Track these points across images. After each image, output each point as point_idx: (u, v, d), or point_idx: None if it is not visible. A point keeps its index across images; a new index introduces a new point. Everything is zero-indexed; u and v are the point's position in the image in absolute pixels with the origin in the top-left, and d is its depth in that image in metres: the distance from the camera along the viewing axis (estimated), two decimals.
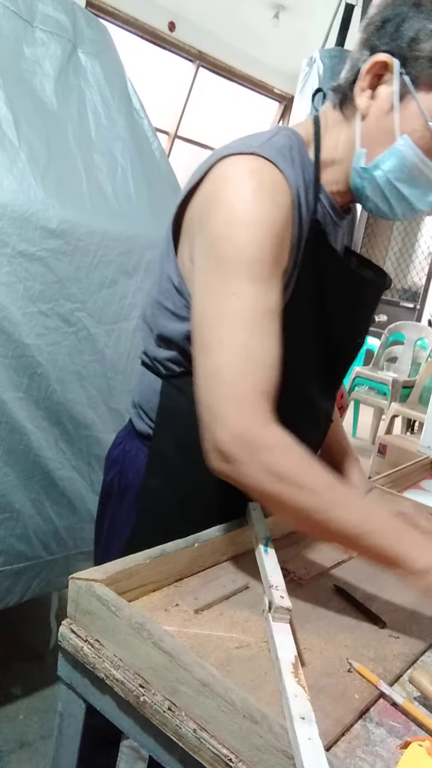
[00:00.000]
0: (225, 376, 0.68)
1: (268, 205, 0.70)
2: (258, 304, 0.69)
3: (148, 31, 4.75)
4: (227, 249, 0.70)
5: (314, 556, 0.90)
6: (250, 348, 0.68)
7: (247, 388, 0.67)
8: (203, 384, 0.70)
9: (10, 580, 1.48)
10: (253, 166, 0.71)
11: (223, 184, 0.72)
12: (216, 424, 0.67)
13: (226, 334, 0.69)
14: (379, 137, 0.75)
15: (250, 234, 0.69)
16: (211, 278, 0.71)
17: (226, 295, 0.69)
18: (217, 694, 0.53)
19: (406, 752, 0.54)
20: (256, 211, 0.70)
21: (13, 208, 1.33)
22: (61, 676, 0.69)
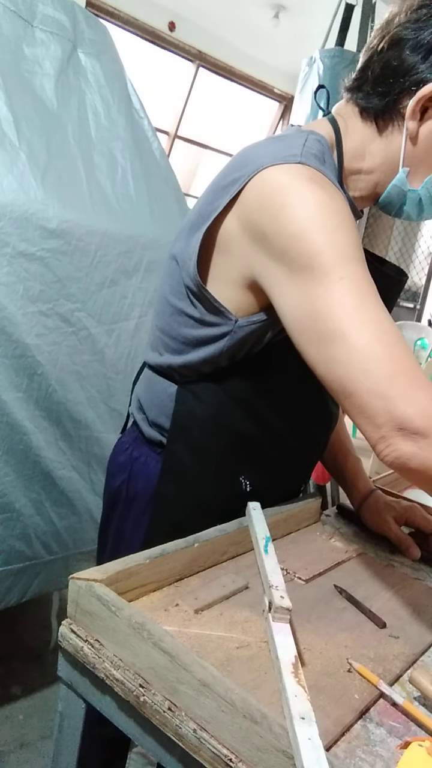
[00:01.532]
0: (379, 353, 0.64)
1: (339, 199, 0.71)
2: (368, 280, 0.68)
3: (148, 31, 4.75)
4: (316, 242, 0.68)
5: (314, 556, 0.90)
6: (383, 321, 0.66)
7: (407, 358, 0.64)
8: (354, 371, 0.64)
9: (10, 580, 1.48)
10: (307, 174, 0.71)
11: (282, 191, 0.70)
12: (395, 402, 0.62)
13: (356, 315, 0.65)
14: (425, 158, 0.77)
15: (335, 221, 0.68)
16: (306, 276, 0.68)
17: (335, 282, 0.67)
18: (217, 694, 0.53)
19: (406, 752, 0.54)
20: (331, 204, 0.69)
21: (13, 208, 1.33)
22: (61, 676, 0.70)
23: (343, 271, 0.67)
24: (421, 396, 0.62)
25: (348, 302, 0.66)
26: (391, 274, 0.90)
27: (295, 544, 0.93)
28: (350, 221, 0.70)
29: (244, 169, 0.74)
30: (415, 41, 0.72)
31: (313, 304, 0.68)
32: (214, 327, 0.79)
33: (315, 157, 0.74)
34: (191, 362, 0.83)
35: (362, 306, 0.66)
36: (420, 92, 0.73)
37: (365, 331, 0.64)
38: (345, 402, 0.66)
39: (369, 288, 0.67)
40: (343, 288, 0.66)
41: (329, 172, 0.74)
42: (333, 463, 1.08)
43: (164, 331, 0.87)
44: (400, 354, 0.64)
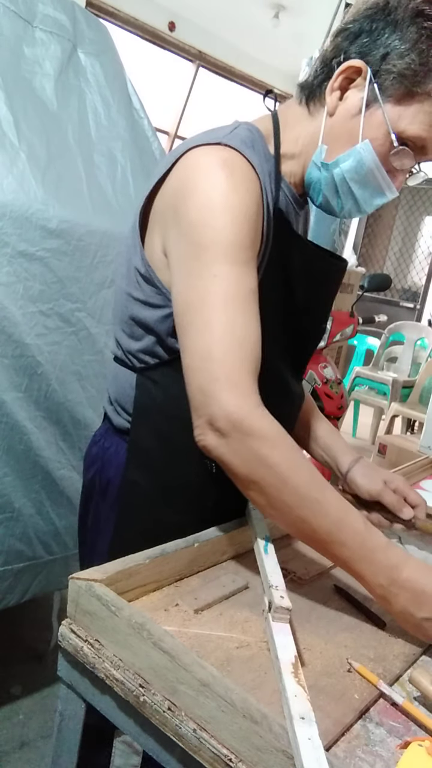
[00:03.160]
0: (215, 354, 0.70)
1: (242, 191, 0.74)
2: (239, 284, 0.72)
3: (148, 31, 4.75)
4: (206, 234, 0.72)
5: (314, 556, 0.90)
6: (236, 327, 0.71)
7: (237, 366, 0.69)
8: (193, 364, 0.72)
9: (10, 580, 1.48)
10: (224, 156, 0.74)
11: (195, 174, 0.75)
12: (210, 401, 0.69)
13: (212, 315, 0.71)
14: (342, 137, 0.79)
15: (227, 219, 0.72)
16: (192, 264, 0.73)
17: (209, 278, 0.71)
18: (217, 694, 0.53)
19: (406, 752, 0.54)
20: (232, 197, 0.73)
21: (13, 208, 1.33)
22: (61, 676, 0.70)
23: (219, 269, 0.71)
24: (233, 401, 0.68)
25: (212, 301, 0.71)
26: (332, 260, 0.93)
27: (295, 544, 0.93)
28: (246, 216, 0.73)
29: (176, 153, 0.79)
30: (348, 31, 0.78)
31: (188, 293, 0.73)
32: (159, 309, 0.82)
33: (241, 141, 0.77)
34: (147, 347, 0.85)
35: (223, 308, 0.71)
36: (340, 67, 0.76)
37: (215, 332, 0.70)
38: (186, 388, 0.73)
39: (237, 291, 0.72)
40: (213, 286, 0.71)
41: (256, 157, 0.77)
42: (308, 438, 1.06)
43: (119, 317, 0.89)
44: (233, 360, 0.69)
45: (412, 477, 1.35)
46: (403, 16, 0.73)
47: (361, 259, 6.40)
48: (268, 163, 0.81)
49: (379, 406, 4.29)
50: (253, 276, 0.75)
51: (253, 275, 0.75)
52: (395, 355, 4.52)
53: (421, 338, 4.45)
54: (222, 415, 0.68)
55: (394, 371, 4.35)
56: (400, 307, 6.16)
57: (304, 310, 0.89)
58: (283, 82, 5.70)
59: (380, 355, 4.50)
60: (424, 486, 1.33)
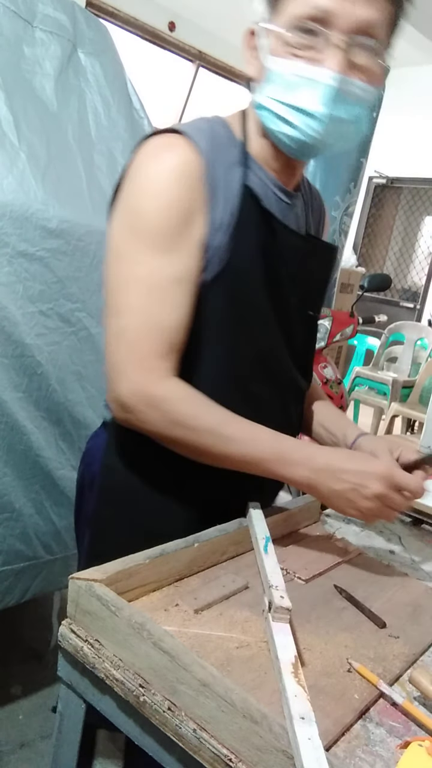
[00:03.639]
0: (128, 336, 0.76)
1: (172, 177, 0.75)
2: (161, 272, 0.76)
3: (148, 31, 4.75)
4: (135, 220, 0.76)
5: (314, 556, 0.90)
6: (152, 313, 0.76)
7: (148, 349, 0.76)
8: (109, 343, 0.78)
9: (10, 580, 1.48)
10: (165, 141, 0.77)
11: (137, 161, 0.78)
12: (119, 379, 0.76)
13: (131, 299, 0.76)
14: (261, 77, 0.79)
15: (154, 206, 0.75)
16: (121, 247, 0.78)
17: (133, 263, 0.76)
18: (217, 694, 0.53)
19: (406, 752, 0.54)
20: (162, 185, 0.75)
21: (13, 208, 1.33)
22: (61, 676, 0.70)
23: (142, 256, 0.76)
24: (143, 380, 0.76)
25: (131, 286, 0.76)
26: (310, 240, 0.93)
27: (295, 544, 0.93)
28: (177, 204, 0.75)
29: (138, 142, 0.82)
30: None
31: (113, 277, 0.78)
32: None
33: (192, 126, 0.79)
34: None
35: (142, 294, 0.76)
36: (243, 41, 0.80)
37: (132, 316, 0.76)
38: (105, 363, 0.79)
39: (157, 278, 0.76)
40: (137, 272, 0.76)
41: (206, 141, 0.78)
42: (312, 421, 1.07)
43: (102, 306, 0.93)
44: (143, 343, 0.75)
45: None
46: None
47: (361, 259, 6.40)
48: (233, 145, 0.82)
49: (379, 406, 4.29)
50: (182, 263, 0.77)
51: (182, 262, 0.77)
52: (395, 355, 4.51)
53: (421, 338, 4.45)
54: (127, 393, 0.76)
55: (394, 371, 4.35)
56: (400, 307, 6.16)
57: (292, 292, 0.88)
58: None
59: (380, 355, 4.50)
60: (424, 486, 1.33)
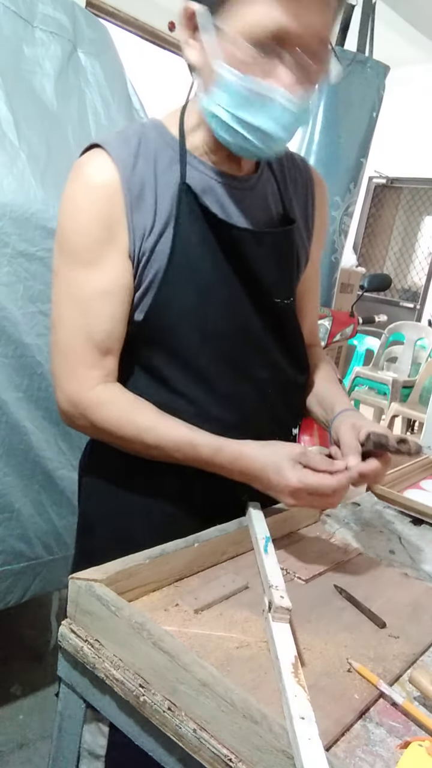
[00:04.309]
0: (60, 348, 0.83)
1: (89, 195, 0.78)
2: (86, 286, 0.80)
3: (148, 31, 4.75)
4: (60, 240, 0.81)
5: (314, 556, 0.90)
6: (80, 325, 0.81)
7: (77, 360, 0.81)
8: (50, 355, 0.85)
9: (10, 580, 1.48)
10: (83, 159, 0.81)
11: (68, 180, 0.82)
12: (56, 389, 0.84)
13: (62, 313, 0.82)
14: (209, 78, 0.75)
15: (73, 225, 0.80)
16: (54, 265, 0.83)
17: (62, 280, 0.82)
18: (217, 694, 0.53)
19: (406, 752, 0.54)
20: (77, 204, 0.79)
21: (13, 208, 1.33)
22: (61, 676, 0.70)
23: (70, 273, 0.81)
24: (69, 388, 0.83)
25: (60, 301, 0.82)
26: (269, 232, 0.89)
27: (295, 544, 0.93)
28: (96, 218, 0.78)
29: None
30: None
31: (53, 293, 0.84)
32: None
33: (116, 135, 0.82)
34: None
35: (71, 309, 0.81)
36: (179, 17, 0.76)
37: (63, 330, 0.82)
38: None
39: (80, 292, 0.80)
40: (66, 288, 0.81)
41: (127, 149, 0.79)
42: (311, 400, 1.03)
43: None
44: (73, 353, 0.81)
45: (412, 477, 1.35)
46: None
47: (361, 259, 6.40)
48: (168, 146, 0.83)
49: (379, 406, 4.29)
50: (108, 275, 0.80)
51: (108, 274, 0.80)
52: (395, 355, 4.51)
53: (421, 338, 4.45)
54: (63, 402, 0.84)
55: (394, 371, 4.35)
56: (400, 307, 6.15)
57: (250, 285, 0.86)
58: None
59: (380, 355, 4.50)
60: (424, 486, 1.33)
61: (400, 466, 1.35)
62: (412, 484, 1.32)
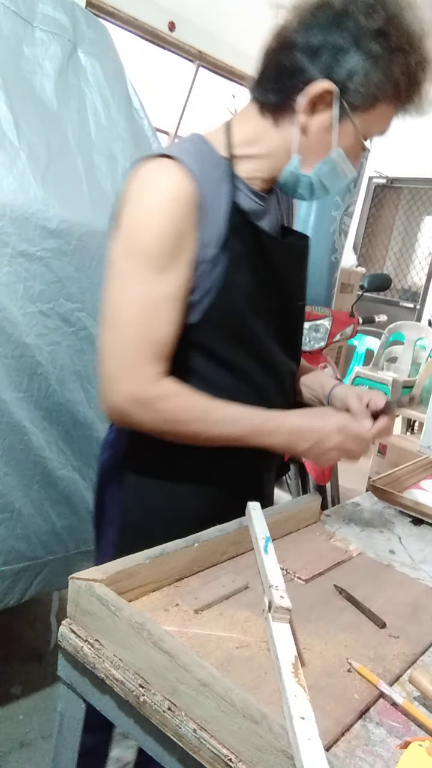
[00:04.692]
0: (123, 349, 0.83)
1: (166, 203, 0.81)
2: (155, 291, 0.82)
3: (148, 31, 4.74)
4: (132, 242, 0.82)
5: (314, 556, 0.90)
6: (146, 327, 0.82)
7: (140, 359, 0.83)
8: (104, 355, 0.84)
9: (10, 580, 1.47)
10: (157, 167, 0.83)
11: (133, 185, 0.84)
12: (114, 388, 0.83)
13: (126, 316, 0.83)
14: (317, 149, 0.87)
15: (150, 231, 0.81)
16: (119, 267, 0.84)
17: (130, 283, 0.82)
18: (217, 694, 0.53)
19: (406, 752, 0.54)
20: (156, 211, 0.81)
21: (13, 208, 1.33)
22: (61, 676, 0.70)
23: (140, 276, 0.82)
24: (131, 387, 0.83)
25: (125, 303, 0.83)
26: (291, 242, 1.02)
27: (295, 544, 0.93)
28: (170, 227, 0.81)
29: (132, 166, 0.88)
30: (305, 44, 0.81)
31: (110, 293, 0.84)
32: None
33: (182, 150, 0.85)
34: None
35: (136, 311, 0.82)
36: (309, 90, 0.82)
37: (126, 331, 0.83)
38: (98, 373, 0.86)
39: (149, 296, 0.82)
40: (133, 290, 0.82)
41: (196, 162, 0.84)
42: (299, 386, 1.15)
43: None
44: (135, 354, 0.83)
45: (412, 477, 1.35)
46: (362, 34, 0.78)
47: (361, 259, 6.40)
48: (218, 165, 0.88)
49: None
50: (175, 282, 0.83)
51: (175, 281, 0.83)
52: (395, 355, 4.51)
53: (421, 338, 4.45)
54: (123, 400, 0.83)
55: (394, 371, 4.35)
56: (400, 307, 6.15)
57: (278, 290, 0.96)
58: None
59: (380, 355, 4.50)
60: (424, 486, 1.33)
61: (399, 467, 1.35)
62: (412, 484, 1.32)
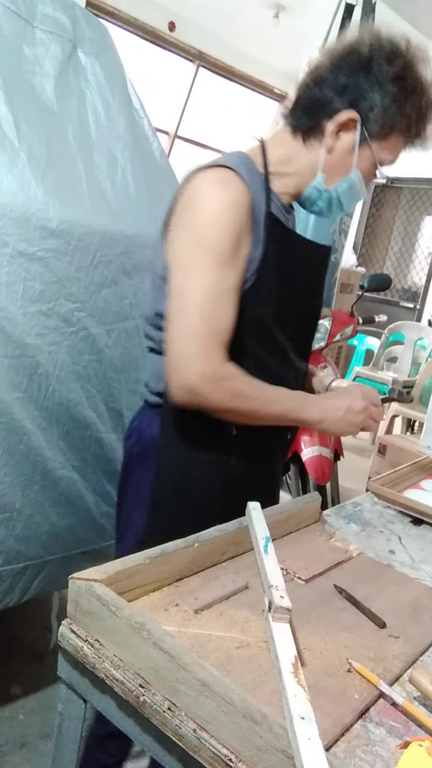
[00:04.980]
0: (196, 332, 0.91)
1: (230, 206, 0.94)
2: (220, 282, 0.93)
3: (148, 31, 4.74)
4: (200, 240, 0.93)
5: (314, 556, 0.90)
6: (215, 314, 0.92)
7: (212, 342, 0.91)
8: (172, 338, 0.93)
9: (10, 580, 1.47)
10: (220, 176, 0.95)
11: (197, 190, 0.96)
12: (188, 366, 0.91)
13: (199, 302, 0.92)
14: (338, 168, 1.03)
15: (217, 229, 0.93)
16: (187, 261, 0.94)
17: (198, 274, 0.92)
18: (217, 694, 0.53)
19: (406, 752, 0.54)
20: (224, 212, 0.93)
21: (13, 208, 1.33)
22: (61, 676, 0.70)
23: (207, 269, 0.92)
24: (206, 364, 0.91)
25: (196, 292, 0.92)
26: (319, 244, 1.15)
27: (295, 544, 0.93)
28: (234, 225, 0.94)
29: (188, 174, 1.00)
30: (335, 82, 0.98)
31: (180, 283, 0.94)
32: None
33: (236, 161, 0.98)
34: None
35: (205, 297, 0.92)
36: (336, 118, 0.99)
37: (194, 317, 0.91)
38: (165, 357, 0.95)
39: (217, 286, 0.93)
40: (201, 281, 0.92)
41: (247, 174, 0.97)
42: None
43: (148, 314, 1.08)
44: (206, 337, 0.91)
45: (412, 477, 1.35)
46: (384, 77, 0.95)
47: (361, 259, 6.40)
48: (258, 178, 1.01)
49: None
50: (234, 276, 0.95)
51: (234, 276, 0.95)
52: (395, 355, 4.51)
53: (421, 338, 4.45)
54: (197, 378, 0.91)
55: (394, 371, 4.35)
56: (400, 307, 6.15)
57: (302, 293, 1.09)
58: (283, 82, 5.69)
59: (380, 355, 4.50)
60: (424, 486, 1.33)
61: (399, 467, 1.35)
62: (412, 484, 1.32)
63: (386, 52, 0.96)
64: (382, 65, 0.95)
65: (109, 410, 1.60)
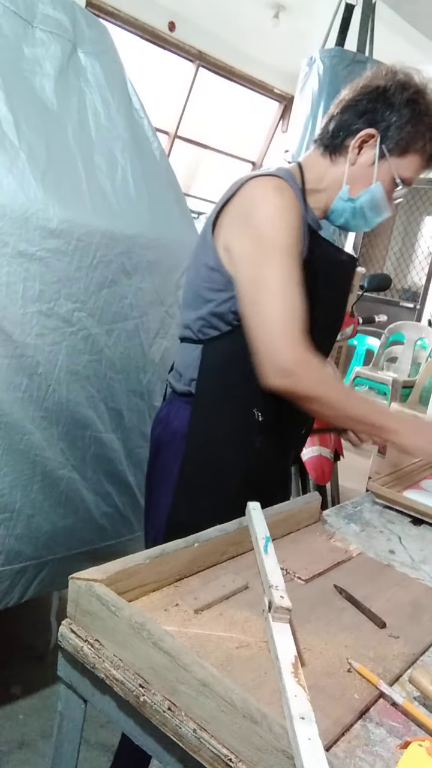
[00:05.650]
0: (279, 320, 1.00)
1: (290, 208, 1.05)
2: (292, 272, 1.03)
3: (148, 31, 4.74)
4: (269, 236, 1.03)
5: (314, 556, 0.90)
6: (292, 301, 1.01)
7: (296, 327, 1.00)
8: (261, 327, 1.01)
9: (10, 580, 1.47)
10: (277, 183, 1.06)
11: (257, 194, 1.06)
12: (282, 350, 0.99)
13: (275, 292, 1.01)
14: (361, 180, 1.13)
15: (283, 227, 1.03)
16: (257, 256, 1.03)
17: (271, 266, 1.02)
18: (217, 694, 0.53)
19: (406, 752, 0.54)
20: (284, 212, 1.04)
21: (13, 208, 1.33)
22: (61, 676, 0.70)
23: (278, 260, 1.02)
24: (296, 348, 0.99)
25: (274, 282, 1.01)
26: (350, 256, 1.27)
27: (295, 544, 0.93)
28: (293, 224, 1.04)
29: (237, 184, 1.10)
30: (355, 109, 1.12)
31: (255, 276, 1.03)
32: (223, 292, 1.10)
33: (282, 174, 1.09)
34: (209, 323, 1.12)
35: (283, 286, 1.01)
36: (357, 135, 1.11)
37: (279, 303, 1.00)
38: (253, 344, 1.02)
39: (290, 276, 1.02)
40: (274, 272, 1.02)
41: (294, 186, 1.09)
42: None
43: (190, 305, 1.16)
44: (291, 323, 1.00)
45: (412, 477, 1.35)
46: (399, 101, 1.08)
47: (361, 259, 6.40)
48: (298, 192, 1.11)
49: None
50: (299, 269, 1.04)
51: (299, 269, 1.04)
52: (395, 355, 4.51)
53: (421, 338, 4.45)
54: (291, 361, 0.99)
55: (394, 371, 4.35)
56: (400, 307, 6.15)
57: (326, 303, 1.16)
58: (283, 82, 5.69)
59: (380, 355, 4.50)
60: (424, 486, 1.33)
61: (399, 467, 1.35)
62: (412, 484, 1.32)
63: (401, 81, 1.09)
64: (396, 92, 1.08)
65: (109, 410, 1.60)
